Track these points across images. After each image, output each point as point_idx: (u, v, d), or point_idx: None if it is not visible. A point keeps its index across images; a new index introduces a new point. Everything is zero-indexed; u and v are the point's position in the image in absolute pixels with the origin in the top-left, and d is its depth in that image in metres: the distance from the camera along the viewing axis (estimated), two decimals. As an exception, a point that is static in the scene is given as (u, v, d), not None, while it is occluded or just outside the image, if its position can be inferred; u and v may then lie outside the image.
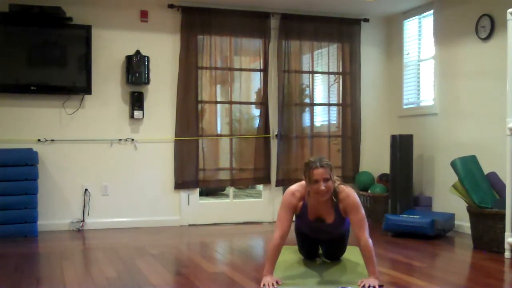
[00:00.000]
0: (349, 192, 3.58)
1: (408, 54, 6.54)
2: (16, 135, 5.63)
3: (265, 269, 3.49)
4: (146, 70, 5.88)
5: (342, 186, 3.62)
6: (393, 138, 6.00)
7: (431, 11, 6.11)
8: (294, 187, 3.68)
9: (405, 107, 6.58)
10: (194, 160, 6.11)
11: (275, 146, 6.39)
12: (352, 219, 3.55)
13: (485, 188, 4.84)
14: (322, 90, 6.77)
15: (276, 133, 6.39)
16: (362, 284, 3.36)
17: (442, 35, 5.95)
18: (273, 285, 3.36)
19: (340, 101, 6.64)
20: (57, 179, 5.75)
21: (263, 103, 6.36)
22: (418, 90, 6.44)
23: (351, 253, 4.15)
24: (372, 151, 6.74)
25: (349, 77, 6.64)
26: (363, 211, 3.55)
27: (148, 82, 5.92)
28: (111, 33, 5.89)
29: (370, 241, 3.44)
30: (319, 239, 3.97)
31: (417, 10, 6.33)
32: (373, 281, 3.37)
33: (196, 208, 6.21)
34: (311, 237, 3.94)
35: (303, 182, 3.61)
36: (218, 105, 6.37)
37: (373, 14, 6.66)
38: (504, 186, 4.58)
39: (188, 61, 6.05)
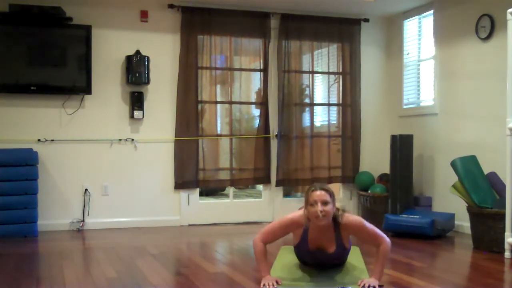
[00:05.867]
0: (350, 218, 3.47)
1: (408, 54, 6.54)
2: (16, 135, 5.63)
3: (262, 270, 3.48)
4: (146, 70, 5.88)
5: (345, 214, 3.49)
6: (393, 138, 6.00)
7: (431, 11, 6.11)
8: (297, 213, 3.54)
9: (405, 107, 6.58)
10: (194, 160, 6.11)
11: (275, 146, 6.39)
12: (364, 238, 3.55)
13: (485, 188, 4.84)
14: (322, 90, 6.77)
15: (276, 133, 6.39)
16: (362, 284, 3.36)
17: (442, 35, 5.95)
18: (273, 285, 3.36)
19: (340, 101, 6.64)
20: (57, 179, 5.75)
21: (263, 103, 6.36)
22: (418, 90, 6.44)
23: (351, 253, 4.14)
24: (372, 151, 6.74)
25: (349, 77, 6.63)
26: (368, 225, 3.47)
27: (148, 82, 5.92)
28: (111, 33, 5.89)
29: (389, 243, 3.41)
30: (319, 264, 3.91)
31: (417, 10, 6.33)
32: (373, 281, 3.36)
33: (196, 208, 6.21)
34: (311, 263, 3.85)
35: (301, 211, 3.51)
36: (218, 105, 6.37)
37: (373, 14, 6.66)
38: (504, 186, 4.58)
39: (188, 61, 6.05)
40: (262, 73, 6.35)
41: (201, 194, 6.41)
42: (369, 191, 6.37)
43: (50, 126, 5.74)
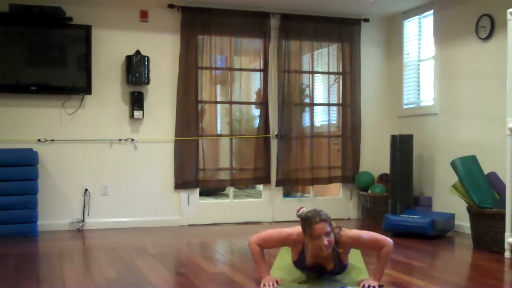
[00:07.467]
0: (347, 235, 3.42)
1: (408, 54, 6.54)
2: (16, 135, 5.63)
3: (261, 271, 3.48)
4: (146, 70, 5.88)
5: (341, 232, 3.44)
6: (393, 138, 6.00)
7: (431, 11, 6.11)
8: (295, 230, 3.45)
9: (405, 107, 6.58)
10: (194, 160, 6.11)
11: (275, 146, 6.39)
12: (365, 248, 3.59)
13: (485, 188, 4.84)
14: (322, 90, 6.77)
15: (276, 133, 6.39)
16: (362, 284, 3.36)
17: (442, 35, 5.95)
18: (273, 285, 3.36)
19: (340, 101, 6.64)
20: (57, 179, 5.75)
21: (263, 103, 6.36)
22: (418, 90, 6.44)
23: (351, 254, 4.14)
24: (372, 151, 6.74)
25: (349, 77, 6.63)
26: (365, 235, 3.45)
27: (148, 82, 5.92)
28: (111, 33, 5.89)
29: (391, 244, 3.38)
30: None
31: (417, 10, 6.34)
32: (373, 282, 3.37)
33: (196, 208, 6.21)
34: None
35: (299, 228, 3.42)
36: (218, 105, 6.37)
37: (373, 14, 6.66)
38: (504, 186, 4.58)
39: (188, 61, 6.05)
40: (262, 73, 6.35)
41: (201, 194, 6.41)
42: (369, 191, 6.37)
43: (50, 126, 5.74)
